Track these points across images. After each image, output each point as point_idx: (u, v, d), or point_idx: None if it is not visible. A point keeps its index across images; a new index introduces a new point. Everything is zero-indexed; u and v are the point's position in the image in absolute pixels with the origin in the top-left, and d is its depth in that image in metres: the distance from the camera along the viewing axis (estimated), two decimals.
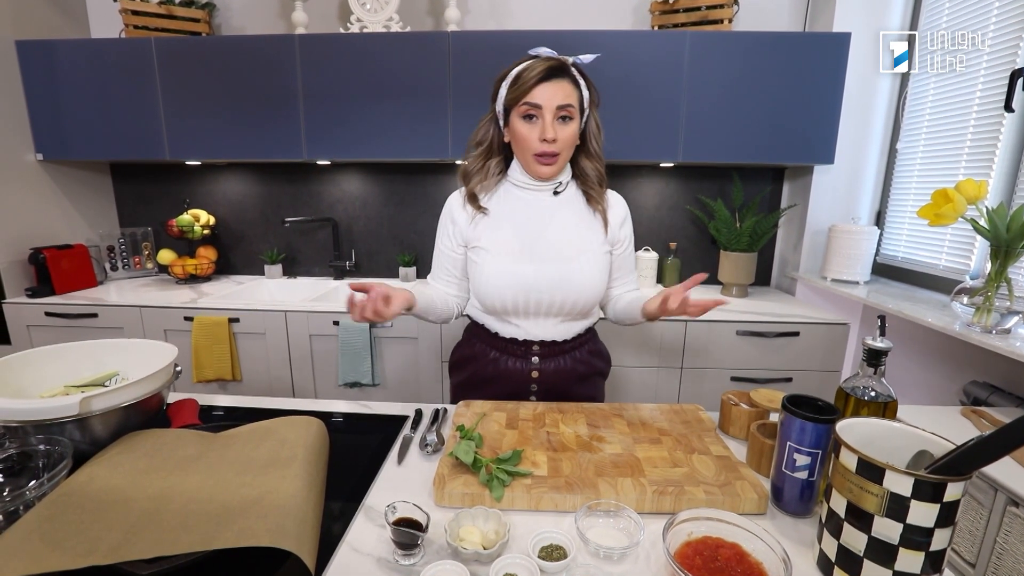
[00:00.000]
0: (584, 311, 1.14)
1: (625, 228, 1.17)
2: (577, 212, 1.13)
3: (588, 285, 1.09)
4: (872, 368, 0.74)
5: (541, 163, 1.05)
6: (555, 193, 1.12)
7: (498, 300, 1.09)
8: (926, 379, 1.87)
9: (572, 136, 1.04)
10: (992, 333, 1.38)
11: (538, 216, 1.10)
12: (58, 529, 0.61)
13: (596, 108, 1.09)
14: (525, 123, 1.03)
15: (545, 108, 1.00)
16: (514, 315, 1.12)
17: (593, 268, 1.09)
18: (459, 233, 1.14)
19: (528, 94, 1.00)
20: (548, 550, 0.66)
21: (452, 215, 1.14)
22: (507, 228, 1.10)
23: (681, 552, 0.65)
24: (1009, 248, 1.34)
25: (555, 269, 1.07)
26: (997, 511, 1.08)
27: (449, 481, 0.78)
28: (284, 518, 0.64)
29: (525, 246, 1.09)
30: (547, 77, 0.99)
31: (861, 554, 0.60)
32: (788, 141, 2.05)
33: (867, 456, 0.58)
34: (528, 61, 1.03)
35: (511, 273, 1.07)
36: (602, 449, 0.88)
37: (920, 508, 0.55)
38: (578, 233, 1.10)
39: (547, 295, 1.08)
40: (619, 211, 1.16)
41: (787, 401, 0.75)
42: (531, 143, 1.03)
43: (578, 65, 1.04)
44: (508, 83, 1.03)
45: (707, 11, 2.02)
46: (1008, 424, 0.52)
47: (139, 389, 0.85)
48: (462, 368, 1.23)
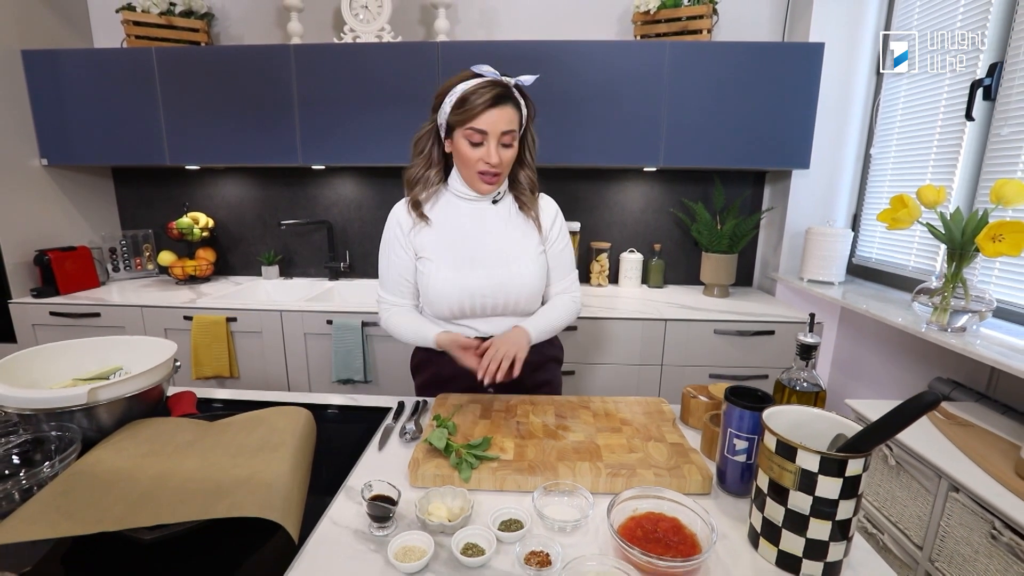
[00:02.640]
0: (527, 309, 1.21)
1: (555, 227, 1.23)
2: (513, 218, 1.20)
3: (527, 285, 1.17)
4: (804, 361, 0.82)
5: (484, 181, 1.10)
6: (493, 202, 1.19)
7: (446, 307, 1.16)
8: (896, 376, 1.94)
9: (513, 157, 1.11)
10: (948, 331, 1.46)
11: (478, 225, 1.17)
12: (71, 502, 0.69)
13: (532, 122, 1.15)
14: (470, 146, 1.07)
15: (491, 134, 1.04)
16: (462, 318, 1.19)
17: (531, 269, 1.17)
18: (408, 241, 1.17)
19: (475, 120, 1.03)
20: (507, 524, 0.74)
21: (400, 223, 1.17)
22: (449, 237, 1.16)
23: (625, 526, 0.73)
24: (963, 251, 1.42)
25: (496, 274, 1.15)
26: (940, 497, 1.15)
27: (423, 464, 0.85)
28: (271, 494, 0.72)
29: (467, 254, 1.15)
30: (494, 103, 1.02)
31: (780, 524, 0.68)
32: (765, 146, 2.12)
33: (783, 437, 0.66)
34: (473, 82, 1.04)
35: (455, 281, 1.14)
36: (566, 437, 0.96)
37: (827, 482, 0.63)
38: (515, 239, 1.18)
39: (491, 299, 1.16)
40: (549, 212, 1.23)
41: (729, 392, 0.83)
42: (475, 164, 1.08)
43: (519, 86, 1.08)
44: (452, 102, 1.05)
45: (687, 22, 2.10)
46: (891, 411, 0.60)
47: (141, 381, 0.93)
48: (423, 370, 1.31)
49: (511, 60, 2.07)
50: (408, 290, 1.22)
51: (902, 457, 1.28)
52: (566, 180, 2.48)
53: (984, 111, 1.62)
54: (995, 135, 1.58)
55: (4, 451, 0.82)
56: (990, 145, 1.59)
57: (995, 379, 1.52)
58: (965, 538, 1.09)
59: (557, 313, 1.22)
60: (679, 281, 2.59)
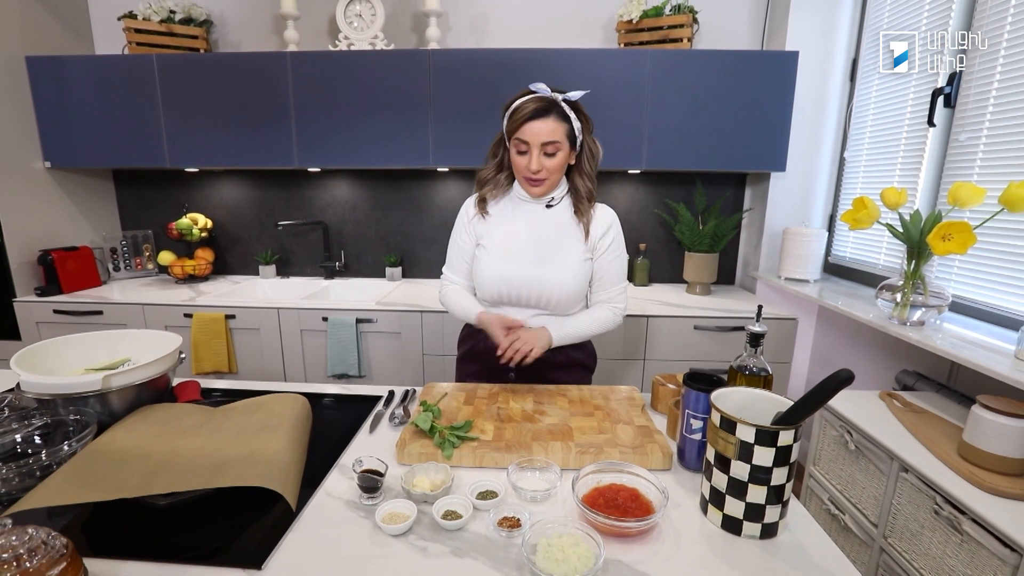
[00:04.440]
0: (563, 308, 1.29)
1: (607, 238, 1.29)
2: (565, 223, 1.28)
3: (562, 287, 1.25)
4: (753, 348, 0.91)
5: (531, 184, 1.23)
6: (548, 206, 1.29)
7: (489, 291, 1.30)
8: (867, 368, 2.04)
9: (558, 165, 1.20)
10: (907, 325, 1.55)
11: (529, 225, 1.28)
12: (90, 475, 0.77)
13: (590, 134, 1.25)
14: (517, 155, 1.20)
15: (532, 144, 1.16)
16: (503, 304, 1.31)
17: (566, 273, 1.25)
18: (472, 229, 1.33)
19: (518, 131, 1.16)
20: (484, 494, 0.83)
21: (468, 212, 1.34)
22: (504, 231, 1.29)
23: (589, 495, 0.81)
24: (921, 250, 1.51)
25: (535, 272, 1.25)
26: (892, 477, 1.24)
27: (409, 443, 0.94)
28: (271, 467, 0.80)
29: (515, 249, 1.27)
30: (534, 116, 1.14)
31: (724, 491, 0.76)
32: (743, 150, 2.22)
33: (726, 413, 0.75)
34: (524, 98, 1.17)
35: (500, 271, 1.27)
36: (542, 420, 1.04)
37: (762, 452, 0.72)
38: (560, 242, 1.27)
39: (527, 292, 1.27)
40: (602, 223, 1.29)
41: (687, 376, 0.92)
42: (522, 170, 1.21)
43: (568, 100, 1.18)
44: (508, 115, 1.19)
45: (668, 31, 2.19)
46: (813, 388, 0.69)
47: (150, 370, 1.01)
48: (465, 341, 1.44)
49: (501, 68, 2.16)
50: (465, 270, 1.37)
51: (861, 442, 1.37)
52: None
53: (945, 118, 1.72)
54: (954, 140, 1.67)
55: (27, 432, 0.90)
56: (950, 150, 1.69)
57: (955, 371, 1.61)
58: (913, 514, 1.18)
59: (588, 321, 1.30)
60: (664, 279, 2.68)
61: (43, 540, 0.58)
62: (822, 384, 0.68)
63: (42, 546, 0.57)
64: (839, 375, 0.66)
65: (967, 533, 1.03)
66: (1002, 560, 0.95)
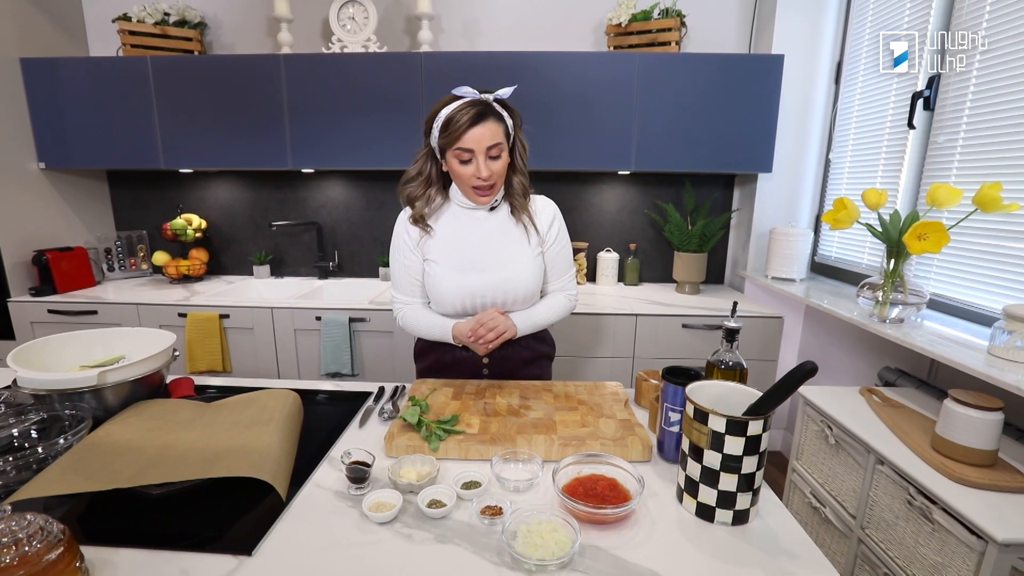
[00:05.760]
0: (522, 306, 1.31)
1: (553, 229, 1.31)
2: (510, 224, 1.29)
3: (523, 286, 1.27)
4: (729, 343, 0.94)
5: (479, 194, 1.21)
6: (490, 210, 1.29)
7: (450, 305, 1.27)
8: (851, 365, 2.08)
9: (503, 167, 1.20)
10: (887, 323, 1.59)
11: (477, 231, 1.27)
12: (87, 466, 0.79)
13: (520, 129, 1.24)
14: (461, 165, 1.16)
15: (477, 151, 1.13)
16: (464, 315, 1.29)
17: (525, 271, 1.27)
18: (418, 248, 1.28)
19: (460, 140, 1.12)
20: (468, 484, 0.85)
21: (408, 233, 1.28)
22: (452, 244, 1.26)
23: (570, 485, 0.84)
24: (899, 249, 1.55)
25: (495, 277, 1.26)
26: (869, 470, 1.28)
27: (397, 437, 0.97)
28: (263, 459, 0.82)
29: (468, 259, 1.25)
30: (475, 122, 1.10)
31: (698, 480, 0.79)
32: (730, 151, 2.25)
33: (699, 404, 0.78)
34: (455, 105, 1.12)
35: (458, 283, 1.25)
36: (527, 415, 1.07)
37: (732, 441, 0.75)
38: (511, 243, 1.28)
39: (490, 298, 1.27)
40: (546, 215, 1.30)
41: (665, 371, 0.95)
42: (469, 179, 1.17)
43: (500, 99, 1.16)
44: (439, 127, 1.14)
45: (656, 34, 2.23)
46: (780, 380, 0.72)
47: (145, 366, 1.04)
48: (425, 356, 1.41)
49: (491, 70, 2.19)
50: (419, 290, 1.32)
51: (840, 436, 1.41)
52: (545, 183, 2.60)
53: (924, 120, 1.76)
54: (933, 142, 1.71)
55: (24, 427, 0.93)
56: (929, 152, 1.73)
57: (935, 367, 1.65)
58: (888, 505, 1.22)
59: (546, 309, 1.32)
60: (655, 279, 2.72)
61: (41, 526, 0.61)
62: (788, 375, 0.72)
63: (40, 532, 0.60)
64: (803, 367, 0.70)
65: (937, 522, 1.06)
66: (969, 547, 0.99)
